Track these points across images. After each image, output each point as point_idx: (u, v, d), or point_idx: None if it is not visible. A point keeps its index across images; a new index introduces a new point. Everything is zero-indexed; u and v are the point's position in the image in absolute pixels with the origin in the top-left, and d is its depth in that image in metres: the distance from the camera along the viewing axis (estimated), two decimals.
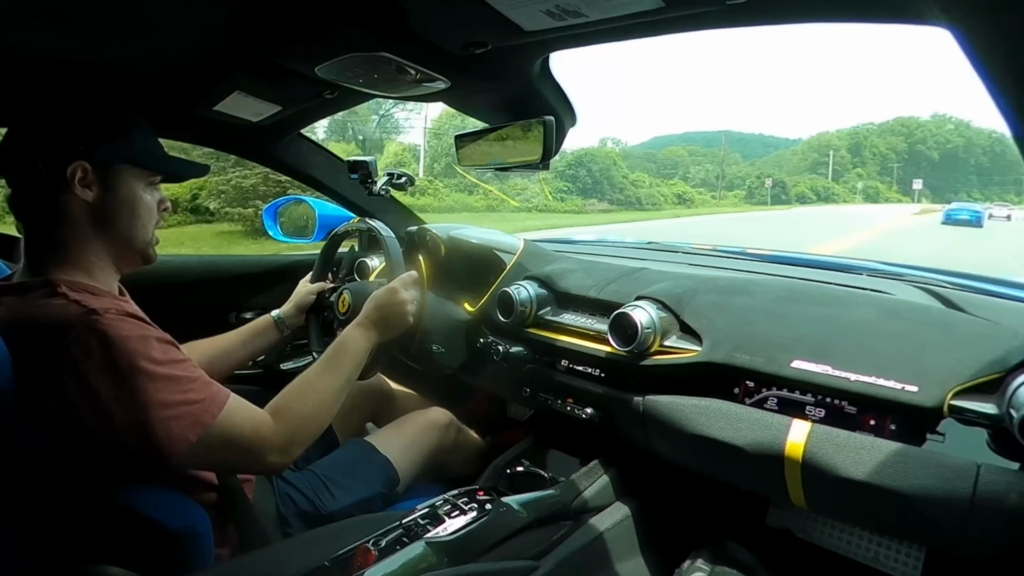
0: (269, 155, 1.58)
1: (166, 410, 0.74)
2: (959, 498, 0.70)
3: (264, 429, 0.83)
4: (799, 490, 0.84)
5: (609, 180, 33.55)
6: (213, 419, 0.77)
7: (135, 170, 0.86)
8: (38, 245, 0.83)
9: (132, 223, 0.86)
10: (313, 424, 0.90)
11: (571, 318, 1.17)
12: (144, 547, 0.80)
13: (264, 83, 1.08)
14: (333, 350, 0.99)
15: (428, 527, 0.90)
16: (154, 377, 0.74)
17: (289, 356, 1.71)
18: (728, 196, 54.17)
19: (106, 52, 0.93)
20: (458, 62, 0.91)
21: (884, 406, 0.77)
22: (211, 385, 0.81)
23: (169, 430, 0.74)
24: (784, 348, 0.87)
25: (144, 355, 0.74)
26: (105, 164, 0.82)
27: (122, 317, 0.76)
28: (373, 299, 1.06)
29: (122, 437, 0.73)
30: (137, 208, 0.86)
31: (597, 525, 1.03)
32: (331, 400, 0.94)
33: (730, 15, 0.71)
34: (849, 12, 0.69)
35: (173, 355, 0.79)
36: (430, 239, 1.51)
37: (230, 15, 0.83)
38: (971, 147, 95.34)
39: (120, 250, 0.87)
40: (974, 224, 22.76)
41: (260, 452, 0.83)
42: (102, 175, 0.82)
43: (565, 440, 1.26)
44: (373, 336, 1.03)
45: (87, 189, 0.81)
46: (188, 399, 0.76)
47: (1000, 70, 0.43)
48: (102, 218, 0.84)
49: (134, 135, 0.85)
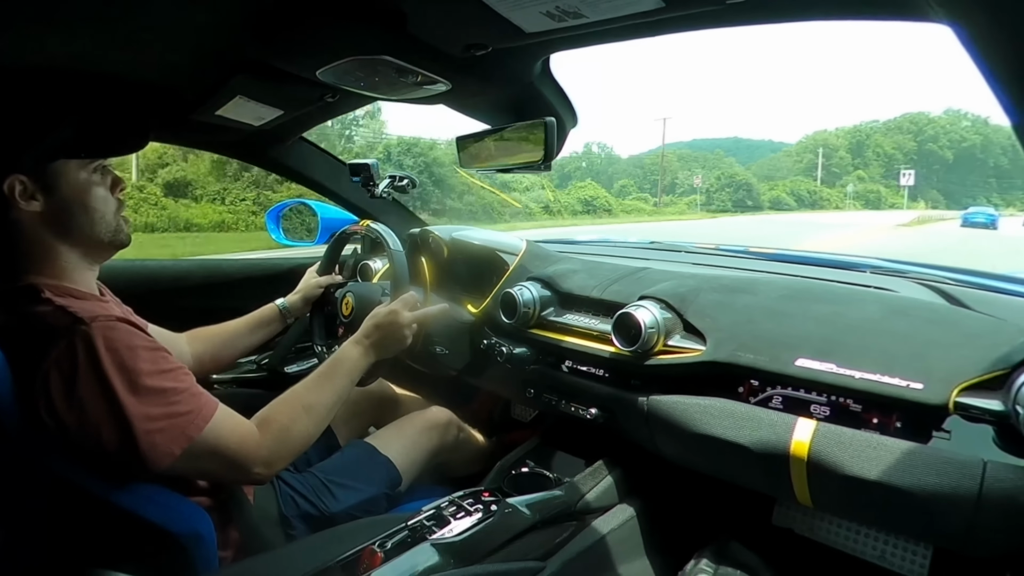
0: (271, 159, 1.59)
1: (150, 423, 0.73)
2: (966, 495, 0.69)
3: (250, 441, 0.83)
4: (805, 489, 0.84)
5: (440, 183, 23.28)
6: (199, 432, 0.77)
7: (72, 163, 0.83)
8: (7, 257, 0.82)
9: (88, 219, 0.85)
10: (299, 439, 0.90)
11: (574, 319, 1.16)
12: (148, 551, 0.80)
13: (265, 87, 1.08)
14: (328, 365, 0.99)
15: (434, 528, 0.90)
16: (140, 390, 0.74)
17: (293, 359, 1.71)
18: (679, 203, 49.79)
19: (109, 58, 0.93)
20: (459, 64, 0.91)
21: (889, 404, 0.77)
22: (199, 396, 0.80)
23: (153, 443, 0.73)
24: (788, 346, 0.86)
25: (131, 367, 0.74)
26: (37, 169, 0.80)
27: (110, 324, 0.76)
28: (373, 317, 1.06)
29: (106, 448, 0.73)
30: (87, 201, 0.84)
31: (602, 526, 1.03)
32: (320, 415, 0.93)
33: (730, 14, 0.71)
34: (849, 10, 0.69)
35: (162, 364, 0.78)
36: (433, 241, 1.52)
37: (231, 20, 0.83)
38: (989, 146, 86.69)
39: (87, 247, 0.86)
40: (989, 227, 24.64)
41: (244, 465, 0.83)
42: (40, 180, 0.80)
43: (570, 441, 1.26)
44: (370, 355, 1.03)
45: (32, 200, 0.80)
46: (174, 411, 0.76)
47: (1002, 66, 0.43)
48: (57, 223, 0.82)
49: (61, 126, 0.82)
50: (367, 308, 1.22)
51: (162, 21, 0.81)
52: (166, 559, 0.81)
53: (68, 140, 0.82)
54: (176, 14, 0.79)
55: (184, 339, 1.21)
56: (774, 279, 1.12)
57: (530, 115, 1.08)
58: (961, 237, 19.11)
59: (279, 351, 1.67)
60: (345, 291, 1.31)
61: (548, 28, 0.75)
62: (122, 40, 0.87)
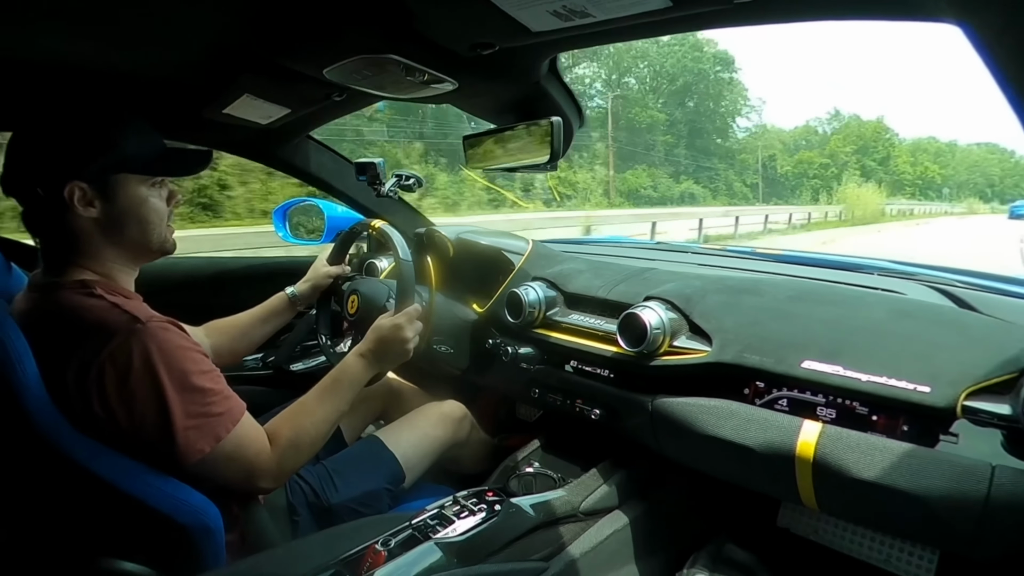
0: (278, 157, 1.59)
1: (189, 420, 0.78)
2: (973, 500, 0.69)
3: (264, 452, 0.87)
4: (810, 491, 0.84)
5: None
6: (227, 433, 0.81)
7: (133, 176, 0.85)
8: (55, 255, 0.85)
9: (142, 229, 0.87)
10: (305, 452, 0.93)
11: (580, 319, 1.16)
12: (157, 542, 0.81)
13: (273, 86, 1.08)
14: (332, 378, 1.00)
15: (438, 527, 0.90)
16: (186, 388, 0.78)
17: (299, 356, 1.72)
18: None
19: (117, 57, 0.94)
20: (465, 63, 0.91)
21: (896, 407, 0.76)
22: (230, 399, 0.84)
23: (188, 439, 0.78)
24: (794, 348, 0.86)
25: (180, 367, 0.78)
26: (100, 179, 0.82)
27: (163, 326, 0.80)
28: (377, 330, 1.06)
29: (146, 439, 0.77)
30: (144, 213, 0.87)
31: (606, 526, 1.03)
32: (326, 428, 0.96)
33: (738, 14, 0.71)
34: (859, 9, 0.69)
35: (203, 366, 0.82)
36: (439, 240, 1.52)
37: (239, 19, 0.83)
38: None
39: (135, 253, 0.89)
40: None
41: (256, 474, 0.86)
42: (100, 189, 0.83)
43: (574, 441, 1.26)
44: (372, 367, 1.05)
45: (89, 207, 0.82)
46: (210, 411, 0.80)
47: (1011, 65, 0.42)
48: (111, 230, 0.85)
49: (125, 142, 0.84)
50: (372, 309, 1.22)
51: (170, 19, 0.82)
52: (174, 550, 0.82)
53: (132, 156, 0.85)
54: (185, 13, 0.80)
55: (202, 332, 1.23)
56: (780, 280, 1.12)
57: (536, 115, 1.08)
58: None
59: (285, 349, 1.67)
60: (352, 288, 1.32)
61: (555, 27, 0.75)
62: (132, 38, 0.88)
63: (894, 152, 63.06)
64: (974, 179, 75.99)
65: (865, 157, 58.60)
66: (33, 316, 0.80)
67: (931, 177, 67.15)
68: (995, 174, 78.33)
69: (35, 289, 0.84)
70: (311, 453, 0.94)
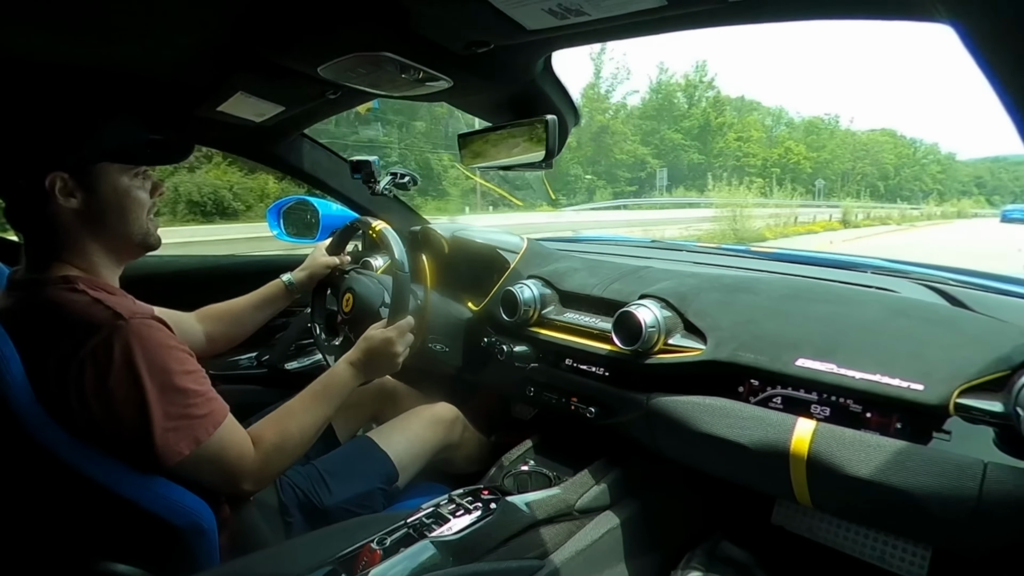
0: (272, 155, 1.58)
1: (168, 421, 0.77)
2: (966, 497, 0.69)
3: (246, 455, 0.86)
4: (804, 489, 0.84)
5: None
6: (208, 436, 0.80)
7: (115, 166, 0.85)
8: (38, 250, 0.84)
9: (123, 220, 0.87)
10: (289, 457, 0.93)
11: (575, 317, 1.16)
12: (150, 543, 0.81)
13: (267, 84, 1.08)
14: (321, 383, 1.01)
15: (433, 526, 0.90)
16: (167, 388, 0.77)
17: (294, 356, 1.71)
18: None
19: (109, 54, 0.93)
20: (460, 61, 0.90)
21: (890, 404, 0.77)
22: (213, 400, 0.83)
23: (167, 440, 0.76)
24: (789, 346, 0.86)
25: (162, 366, 0.77)
26: (81, 168, 0.82)
27: (147, 322, 0.79)
28: (368, 340, 1.07)
29: (123, 438, 0.76)
30: (126, 204, 0.86)
31: (602, 524, 1.03)
32: (310, 435, 0.96)
33: (733, 13, 0.71)
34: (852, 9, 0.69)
35: (188, 365, 0.81)
36: (434, 238, 1.51)
37: (232, 15, 0.83)
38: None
39: (118, 246, 0.88)
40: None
41: (237, 477, 0.85)
42: (82, 179, 0.82)
43: (569, 439, 1.26)
44: (360, 376, 1.05)
45: (70, 197, 0.82)
46: (191, 413, 0.79)
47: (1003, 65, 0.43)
48: (93, 220, 0.84)
49: (106, 132, 0.84)
50: (366, 311, 1.22)
51: (163, 17, 0.81)
52: (168, 552, 0.81)
53: (113, 146, 0.84)
54: (178, 10, 0.79)
55: (194, 318, 1.22)
56: (775, 279, 1.12)
57: (532, 113, 1.08)
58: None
59: (280, 347, 1.67)
60: (348, 286, 1.31)
61: (550, 25, 0.75)
62: (124, 36, 0.87)
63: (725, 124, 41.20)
64: (862, 167, 56.37)
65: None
66: (15, 313, 0.79)
67: (794, 163, 45.10)
68: (888, 163, 60.53)
69: (17, 286, 0.83)
70: (296, 457, 0.94)
